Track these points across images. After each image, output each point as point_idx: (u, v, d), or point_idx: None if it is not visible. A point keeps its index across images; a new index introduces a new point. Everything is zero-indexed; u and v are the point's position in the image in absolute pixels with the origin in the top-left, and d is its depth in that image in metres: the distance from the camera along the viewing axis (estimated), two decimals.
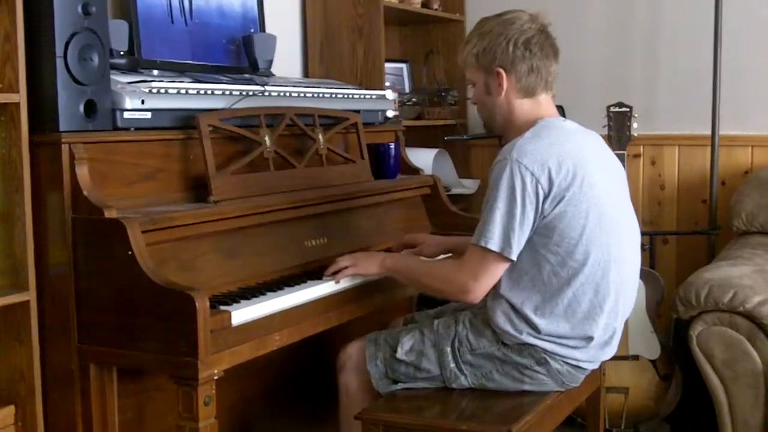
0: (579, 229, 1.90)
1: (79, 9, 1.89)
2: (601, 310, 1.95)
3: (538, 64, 1.98)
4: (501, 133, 2.06)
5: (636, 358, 2.89)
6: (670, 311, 2.91)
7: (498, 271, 1.93)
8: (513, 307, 1.96)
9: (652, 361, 2.91)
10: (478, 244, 1.91)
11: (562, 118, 2.05)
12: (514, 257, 1.90)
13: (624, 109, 3.09)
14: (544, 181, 1.87)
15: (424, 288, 2.17)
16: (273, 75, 2.72)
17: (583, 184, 1.90)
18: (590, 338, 1.97)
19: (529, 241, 1.91)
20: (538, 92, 2.00)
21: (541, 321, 1.95)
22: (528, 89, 1.99)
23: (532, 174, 1.87)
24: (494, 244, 1.89)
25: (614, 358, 2.37)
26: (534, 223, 1.90)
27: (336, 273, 2.11)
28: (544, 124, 1.98)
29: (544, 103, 2.03)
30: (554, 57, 2.01)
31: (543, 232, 1.91)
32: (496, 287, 1.97)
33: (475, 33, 2.02)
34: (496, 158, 1.94)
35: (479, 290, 1.93)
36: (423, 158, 3.22)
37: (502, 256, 1.90)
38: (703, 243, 3.35)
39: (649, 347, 2.91)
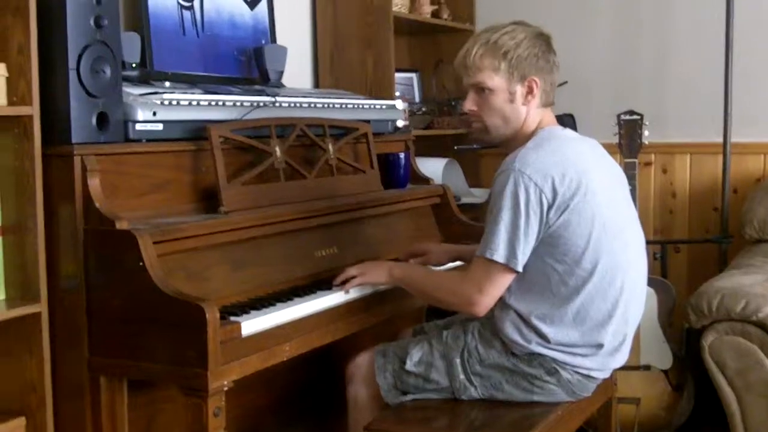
0: (585, 237, 1.90)
1: (92, 22, 1.91)
2: (610, 317, 1.95)
3: (554, 78, 2.03)
4: (502, 142, 2.06)
5: (647, 368, 2.88)
6: (681, 320, 2.89)
7: (504, 282, 1.93)
8: (521, 316, 1.96)
9: (664, 371, 2.89)
10: (484, 255, 1.91)
11: (561, 127, 2.06)
12: (519, 268, 1.90)
13: (635, 117, 3.08)
14: (547, 191, 1.87)
15: (430, 299, 2.17)
16: (284, 86, 2.73)
17: (587, 192, 1.90)
18: (600, 345, 1.96)
19: (536, 251, 1.91)
20: (549, 104, 2.04)
21: (550, 330, 1.94)
22: (547, 101, 2.03)
23: (536, 184, 1.87)
24: (500, 255, 1.88)
25: (626, 368, 2.35)
26: (539, 234, 1.90)
27: (344, 282, 2.11)
28: (545, 135, 1.98)
29: (548, 113, 2.06)
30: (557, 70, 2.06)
31: (549, 241, 1.90)
32: (503, 297, 1.96)
33: (505, 38, 1.96)
34: (499, 169, 1.94)
35: (485, 302, 1.93)
36: (433, 168, 3.21)
37: (507, 268, 1.90)
38: (714, 251, 3.33)
39: (661, 357, 2.90)
